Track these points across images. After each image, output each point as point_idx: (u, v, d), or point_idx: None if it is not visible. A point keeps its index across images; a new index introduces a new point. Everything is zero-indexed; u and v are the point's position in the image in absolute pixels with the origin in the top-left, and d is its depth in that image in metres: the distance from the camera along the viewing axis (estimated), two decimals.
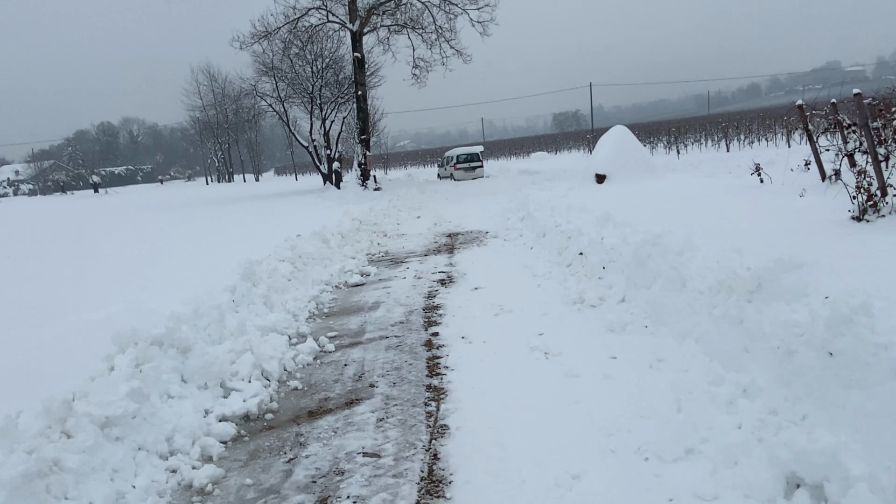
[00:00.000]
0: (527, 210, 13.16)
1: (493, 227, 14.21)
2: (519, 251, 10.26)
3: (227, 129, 63.76)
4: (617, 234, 7.09)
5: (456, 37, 27.90)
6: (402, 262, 10.30)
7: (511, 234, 12.11)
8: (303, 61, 30.31)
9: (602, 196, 14.53)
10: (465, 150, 31.61)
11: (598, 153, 18.48)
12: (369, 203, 20.42)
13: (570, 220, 9.55)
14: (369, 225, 14.32)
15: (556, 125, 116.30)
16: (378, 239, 13.35)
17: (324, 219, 14.05)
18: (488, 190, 23.93)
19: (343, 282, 8.71)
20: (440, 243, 12.39)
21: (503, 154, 61.83)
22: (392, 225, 15.88)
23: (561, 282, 7.22)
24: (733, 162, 22.87)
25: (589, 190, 17.17)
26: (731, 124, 37.73)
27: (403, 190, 25.79)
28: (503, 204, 17.69)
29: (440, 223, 16.13)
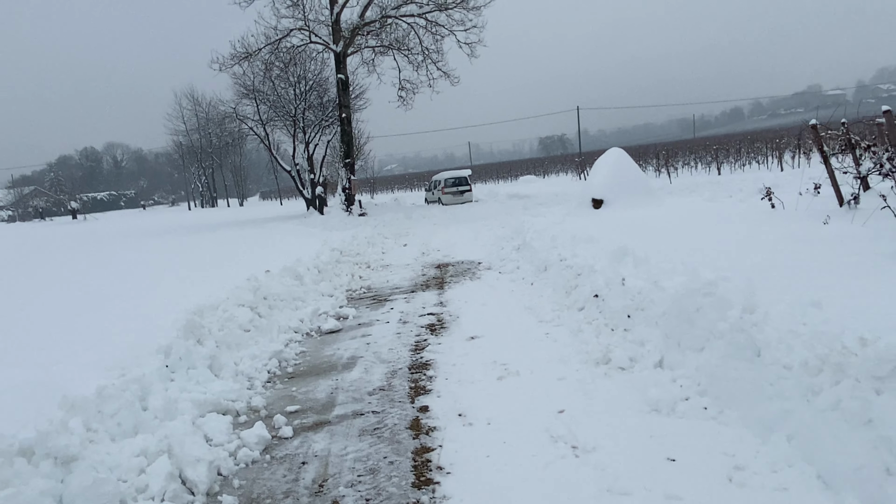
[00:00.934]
0: (523, 239, 11.95)
1: (485, 256, 12.98)
2: (518, 287, 9.01)
3: (210, 153, 62.46)
4: (642, 275, 5.86)
5: (443, 58, 27.00)
6: (385, 301, 9.00)
7: (507, 266, 10.87)
8: (285, 83, 29.22)
9: (603, 223, 13.39)
10: (454, 173, 30.53)
11: (594, 177, 17.41)
12: (353, 230, 19.15)
13: (576, 252, 8.33)
14: (351, 255, 13.04)
15: (543, 149, 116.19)
16: (360, 272, 12.05)
17: (301, 249, 12.75)
18: (478, 215, 22.76)
19: (316, 328, 7.38)
20: (429, 276, 11.12)
21: (490, 178, 60.97)
22: (376, 255, 14.60)
23: (574, 332, 5.95)
24: (730, 186, 21.94)
25: (586, 216, 16.04)
26: (721, 147, 37.07)
27: (390, 215, 24.58)
28: (495, 230, 16.49)
29: (428, 252, 14.89)
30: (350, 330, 7.29)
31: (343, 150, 25.46)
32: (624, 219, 13.92)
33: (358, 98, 31.64)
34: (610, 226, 12.60)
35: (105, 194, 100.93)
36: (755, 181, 20.65)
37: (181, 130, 59.54)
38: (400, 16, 25.79)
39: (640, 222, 12.51)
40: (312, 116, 30.43)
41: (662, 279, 5.27)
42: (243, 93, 28.28)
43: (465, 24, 25.91)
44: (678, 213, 13.92)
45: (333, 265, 11.26)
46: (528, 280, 9.23)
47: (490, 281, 10.03)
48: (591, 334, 5.61)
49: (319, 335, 7.17)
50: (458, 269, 11.61)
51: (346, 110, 25.27)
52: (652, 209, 15.98)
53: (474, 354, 5.78)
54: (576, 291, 6.98)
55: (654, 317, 5.00)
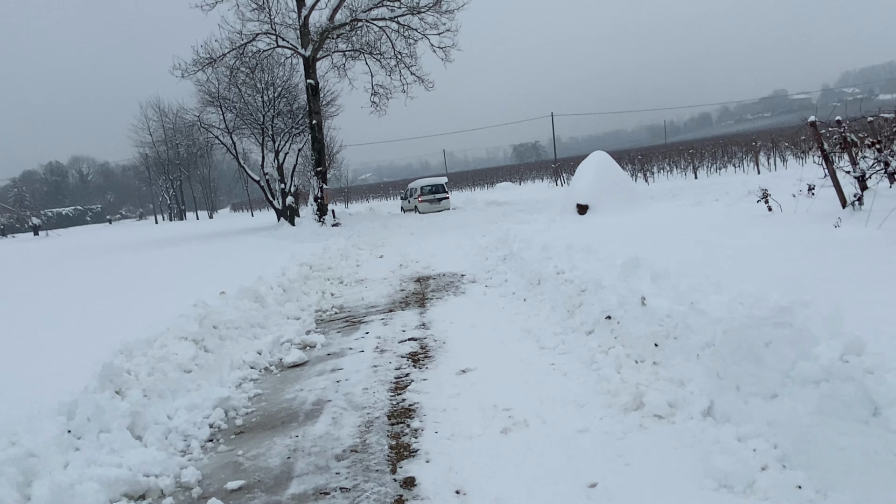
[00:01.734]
0: (509, 249, 10.93)
1: (469, 268, 11.93)
2: (509, 304, 7.96)
3: (178, 164, 60.45)
4: (666, 293, 4.85)
5: (417, 63, 25.98)
6: (360, 323, 7.86)
7: (494, 279, 9.83)
8: (253, 90, 27.92)
9: (594, 230, 12.45)
10: (430, 181, 29.47)
11: (577, 181, 16.52)
12: (325, 241, 17.93)
13: (574, 264, 7.31)
14: (322, 270, 11.86)
15: (517, 156, 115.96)
16: (332, 288, 10.89)
17: (266, 265, 11.53)
18: (457, 223, 21.72)
19: (277, 361, 6.22)
20: (408, 292, 10.02)
21: (466, 185, 60.11)
22: (350, 268, 13.44)
23: (587, 362, 4.91)
24: (713, 189, 21.32)
25: (573, 223, 15.12)
26: (696, 152, 36.73)
27: (365, 225, 23.40)
28: (477, 239, 15.46)
29: (407, 264, 13.78)
30: (318, 362, 6.15)
31: (314, 158, 24.23)
32: (614, 225, 13.02)
33: (329, 104, 30.51)
34: (602, 233, 11.66)
35: (70, 209, 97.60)
36: (738, 184, 20.02)
37: (147, 142, 57.43)
38: (371, 19, 24.74)
39: (633, 229, 11.60)
40: (282, 124, 29.15)
41: (698, 300, 4.25)
42: (208, 100, 26.92)
43: (438, 27, 24.94)
44: (670, 219, 13.07)
45: (302, 282, 10.08)
46: (520, 295, 8.19)
47: (477, 296, 8.97)
48: (609, 367, 4.57)
49: (281, 370, 6.01)
50: (439, 283, 10.54)
51: (316, 116, 24.07)
52: (639, 215, 15.13)
53: (468, 395, 4.69)
54: (581, 311, 5.95)
55: (694, 348, 3.98)
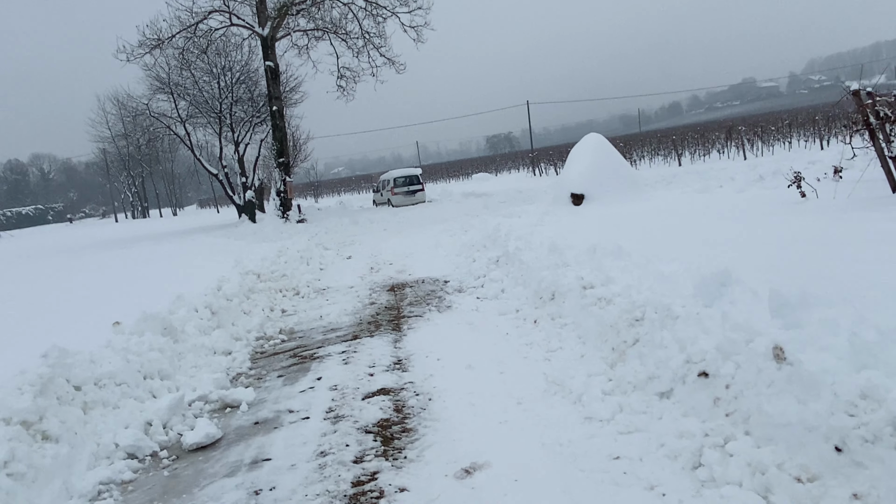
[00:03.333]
0: (503, 249, 8.76)
1: (452, 271, 9.77)
2: (514, 327, 5.82)
3: (139, 160, 56.89)
4: (825, 342, 2.75)
5: (386, 43, 23.63)
6: (311, 359, 5.63)
7: (487, 289, 7.68)
8: (208, 75, 25.22)
9: (598, 224, 10.36)
10: (403, 172, 27.17)
11: (571, 168, 14.43)
12: (286, 241, 15.57)
13: (608, 274, 5.19)
14: (274, 279, 9.55)
15: (490, 147, 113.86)
16: (284, 303, 8.61)
17: (201, 275, 9.20)
18: (434, 217, 19.51)
19: (173, 440, 3.98)
20: (379, 306, 7.81)
21: (441, 177, 57.83)
22: (311, 274, 11.15)
23: (685, 463, 2.80)
24: (712, 175, 19.50)
25: (568, 214, 13.03)
26: (678, 139, 35.10)
27: (333, 220, 21.01)
28: (459, 236, 13.28)
29: (378, 266, 11.56)
30: (235, 442, 3.90)
31: (276, 148, 21.73)
32: (620, 217, 10.96)
33: (293, 91, 27.94)
34: (611, 228, 9.58)
35: (31, 208, 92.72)
36: (744, 169, 18.21)
37: (106, 137, 53.71)
38: None
39: (647, 222, 9.55)
40: (242, 113, 26.51)
41: None
42: (157, 87, 24.13)
43: (408, 4, 22.62)
44: (685, 209, 11.06)
45: (243, 298, 7.77)
46: (527, 314, 6.05)
47: (467, 312, 6.81)
48: (749, 486, 2.44)
49: (174, 459, 3.75)
50: (418, 293, 8.35)
51: (277, 102, 21.55)
52: (644, 204, 13.11)
53: None
54: (640, 353, 3.82)
55: None
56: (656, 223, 9.03)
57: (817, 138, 30.47)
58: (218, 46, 24.36)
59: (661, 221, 9.14)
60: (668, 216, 9.86)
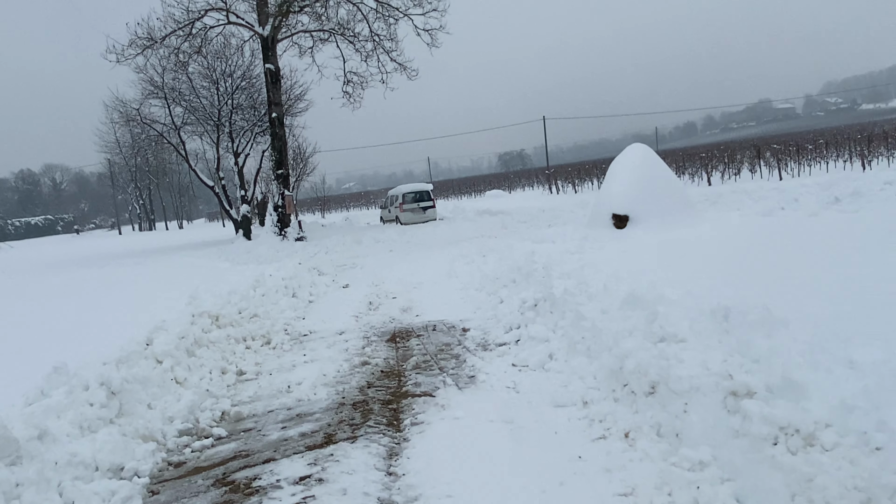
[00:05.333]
0: (546, 290, 6.34)
1: (472, 314, 7.41)
2: (585, 437, 3.41)
3: (147, 171, 55.18)
4: None
5: (397, 47, 21.48)
6: (243, 499, 3.28)
7: (528, 351, 5.28)
8: (207, 81, 23.23)
9: (663, 256, 7.95)
10: (413, 187, 24.87)
11: (612, 184, 12.06)
12: (275, 263, 13.24)
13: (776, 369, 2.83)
14: (240, 321, 7.18)
15: (502, 164, 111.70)
16: (246, 359, 6.24)
17: (141, 318, 6.87)
18: (447, 237, 17.16)
19: None
20: (373, 370, 5.43)
21: (452, 194, 55.57)
22: (295, 309, 8.80)
23: None
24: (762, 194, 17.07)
25: (612, 240, 10.61)
26: (708, 156, 32.71)
27: (335, 239, 18.66)
28: (477, 263, 10.90)
29: (379, 301, 9.22)
30: None
31: (274, 158, 19.53)
32: (688, 247, 8.52)
33: (298, 99, 25.88)
34: (686, 263, 7.16)
35: (41, 219, 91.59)
36: (806, 190, 15.75)
37: (113, 147, 51.99)
38: None
39: (738, 256, 7.12)
40: (242, 121, 24.47)
41: None
42: (150, 91, 22.13)
43: (422, 5, 20.48)
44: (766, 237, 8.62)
45: (183, 356, 5.42)
46: (602, 410, 3.65)
47: (502, 395, 4.42)
48: None
49: None
50: (428, 348, 5.97)
51: (277, 108, 19.39)
52: (702, 229, 10.66)
53: None
54: None
55: None
56: (752, 259, 6.61)
57: (857, 158, 28.06)
58: (217, 49, 22.41)
59: (755, 256, 6.71)
60: (756, 248, 7.42)
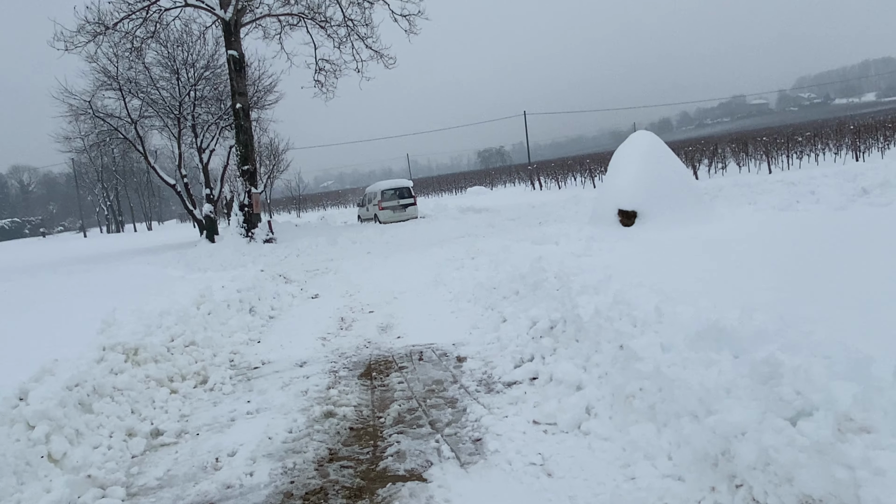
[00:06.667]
0: (569, 309, 4.80)
1: (467, 335, 5.87)
2: None
3: (113, 171, 52.60)
4: None
5: (373, 34, 19.81)
6: None
7: (551, 398, 3.74)
8: (167, 71, 21.30)
9: (692, 261, 6.48)
10: (392, 183, 23.25)
11: (617, 176, 10.60)
12: (238, 269, 11.51)
13: None
14: (168, 354, 5.55)
15: (481, 161, 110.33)
16: (167, 409, 4.59)
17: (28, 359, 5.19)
18: (430, 237, 15.59)
19: None
20: (339, 428, 3.79)
21: (433, 191, 53.98)
22: (248, 331, 7.15)
23: None
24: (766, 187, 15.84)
25: (622, 239, 9.14)
26: (695, 150, 31.70)
27: (307, 240, 16.94)
28: (468, 269, 9.35)
29: (353, 317, 7.62)
30: None
31: (240, 153, 17.74)
32: (711, 248, 7.10)
33: (267, 91, 24.05)
34: (720, 269, 5.71)
35: (7, 222, 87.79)
36: (824, 182, 14.53)
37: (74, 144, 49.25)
38: None
39: (784, 258, 5.68)
40: (206, 114, 22.58)
41: None
42: (104, 81, 20.13)
43: None
44: (804, 236, 7.24)
45: (73, 414, 3.80)
46: None
47: (527, 476, 2.86)
48: None
49: None
50: (415, 388, 4.37)
51: (241, 99, 17.60)
52: (720, 227, 9.25)
53: None
54: None
55: None
56: (799, 263, 5.15)
57: (850, 151, 27.28)
58: (177, 36, 20.51)
59: (800, 260, 5.25)
60: (795, 249, 5.98)
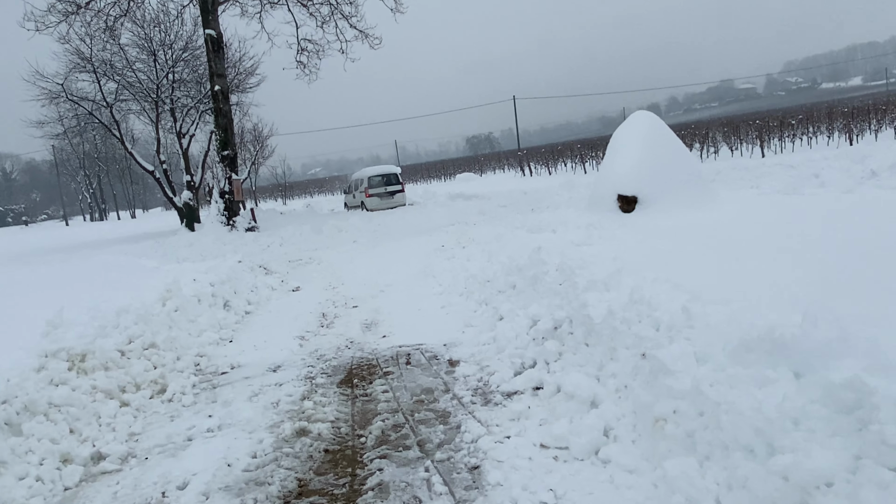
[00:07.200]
0: (577, 308, 4.22)
1: (460, 334, 5.28)
2: None
3: (95, 158, 51.25)
4: None
5: (358, 12, 18.97)
6: None
7: (561, 416, 3.14)
8: (144, 52, 20.32)
9: (706, 250, 5.91)
10: (379, 169, 22.52)
11: (616, 160, 9.99)
12: (218, 259, 10.80)
13: None
14: (123, 360, 4.91)
15: (470, 148, 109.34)
16: (115, 431, 3.95)
17: None
18: (419, 225, 14.96)
19: None
20: (310, 452, 3.15)
21: (421, 178, 53.20)
22: (219, 329, 6.51)
23: None
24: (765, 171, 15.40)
25: (622, 227, 8.54)
26: (689, 134, 31.26)
27: (291, 229, 16.20)
28: (459, 259, 8.75)
29: (335, 312, 7.00)
30: None
31: (220, 137, 16.92)
32: (717, 231, 6.51)
33: (249, 74, 23.14)
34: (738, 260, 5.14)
35: None
36: (828, 164, 14.05)
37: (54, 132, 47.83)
38: None
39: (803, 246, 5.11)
40: (186, 98, 21.65)
41: None
42: (77, 63, 19.15)
43: None
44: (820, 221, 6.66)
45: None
46: None
47: None
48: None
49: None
50: (401, 399, 3.75)
51: (220, 81, 16.74)
52: (726, 211, 8.64)
53: None
54: None
55: None
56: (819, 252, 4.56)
57: (843, 134, 26.96)
58: (153, 16, 19.53)
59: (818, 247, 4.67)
60: (812, 235, 5.41)
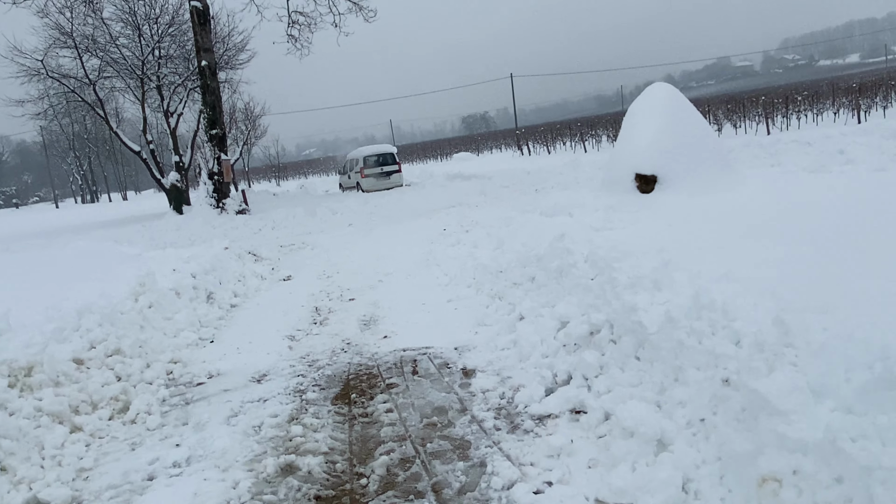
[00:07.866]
0: (616, 311, 3.51)
1: (473, 335, 4.53)
2: None
3: (85, 139, 49.97)
4: None
5: None
6: None
7: (605, 446, 2.47)
8: (130, 27, 19.26)
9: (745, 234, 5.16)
10: (375, 149, 21.65)
11: (633, 137, 9.14)
12: (203, 245, 10.01)
13: None
14: (91, 365, 4.20)
15: (465, 127, 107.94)
16: (61, 468, 3.22)
17: None
18: (417, 207, 14.18)
19: None
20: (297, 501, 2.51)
21: (417, 158, 52.17)
22: (203, 328, 5.79)
23: None
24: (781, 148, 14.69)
25: (643, 209, 7.73)
26: None
27: (284, 212, 15.38)
28: (464, 244, 8.01)
29: (330, 307, 6.26)
30: None
31: (208, 115, 16.00)
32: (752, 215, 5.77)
33: (239, 50, 22.08)
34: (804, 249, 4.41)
35: None
36: (851, 142, 13.35)
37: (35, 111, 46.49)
38: None
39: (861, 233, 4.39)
40: (173, 74, 20.63)
41: None
42: (57, 38, 18.09)
43: None
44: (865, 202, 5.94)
45: None
46: None
47: None
48: None
49: None
50: (408, 426, 2.97)
51: (207, 56, 15.78)
52: (753, 192, 7.81)
53: None
54: None
55: None
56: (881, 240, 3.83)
57: (848, 110, 26.19)
58: None
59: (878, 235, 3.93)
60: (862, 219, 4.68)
